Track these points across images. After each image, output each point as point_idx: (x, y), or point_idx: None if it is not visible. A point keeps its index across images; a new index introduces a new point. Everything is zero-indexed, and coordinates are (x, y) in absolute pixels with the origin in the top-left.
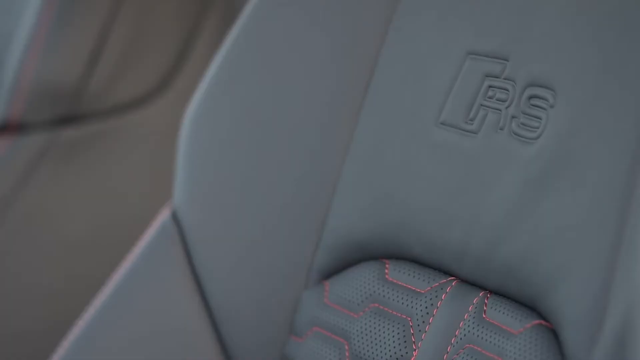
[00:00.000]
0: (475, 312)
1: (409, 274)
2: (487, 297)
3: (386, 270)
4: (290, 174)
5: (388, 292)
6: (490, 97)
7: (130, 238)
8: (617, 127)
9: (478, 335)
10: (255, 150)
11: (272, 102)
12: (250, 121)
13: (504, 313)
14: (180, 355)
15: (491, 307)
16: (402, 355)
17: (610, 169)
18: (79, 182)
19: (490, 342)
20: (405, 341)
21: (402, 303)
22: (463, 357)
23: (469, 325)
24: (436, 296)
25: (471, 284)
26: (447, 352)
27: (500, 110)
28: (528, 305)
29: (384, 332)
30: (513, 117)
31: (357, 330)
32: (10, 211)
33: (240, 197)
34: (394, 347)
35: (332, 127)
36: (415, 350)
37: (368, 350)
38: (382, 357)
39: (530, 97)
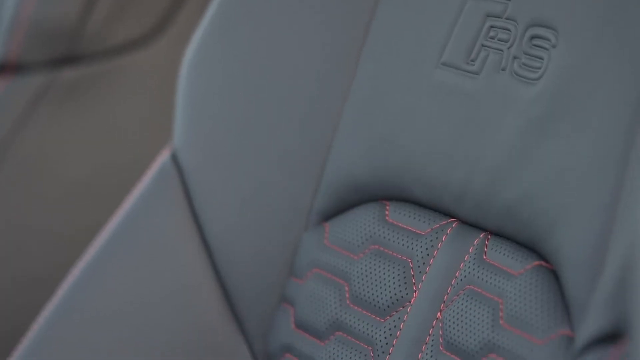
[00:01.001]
0: (475, 254)
1: (409, 216)
2: (488, 239)
3: (386, 212)
4: (290, 116)
5: (388, 234)
6: (491, 38)
7: (130, 180)
8: (620, 71)
9: (478, 277)
10: (255, 93)
11: (271, 45)
12: (249, 64)
13: (504, 254)
14: (180, 298)
15: (491, 249)
16: (402, 297)
17: (612, 112)
18: (78, 123)
19: (491, 283)
20: (405, 282)
21: (403, 244)
22: (463, 298)
23: (469, 267)
24: (436, 237)
25: (472, 225)
26: (447, 293)
27: (502, 50)
28: (528, 247)
29: (384, 274)
30: (515, 57)
31: (357, 272)
32: (8, 153)
33: (240, 139)
34: (394, 289)
35: (331, 71)
36: (415, 291)
37: (368, 292)
38: (382, 299)
39: (532, 37)
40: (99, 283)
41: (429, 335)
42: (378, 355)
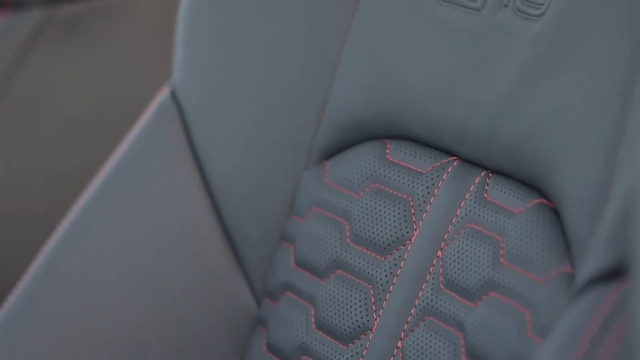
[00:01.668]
0: (476, 192)
1: (410, 154)
2: (489, 177)
3: (387, 150)
4: (291, 54)
5: (389, 172)
6: None
7: (130, 118)
8: (621, 9)
9: (479, 215)
10: (256, 30)
11: None
12: (249, 1)
13: (505, 192)
14: (180, 237)
15: (493, 187)
16: (402, 235)
17: (614, 50)
18: (77, 60)
19: (492, 221)
20: (406, 221)
21: (403, 183)
22: (464, 237)
23: (470, 205)
24: (437, 176)
25: (473, 163)
26: (448, 232)
27: None
28: (530, 185)
29: (384, 212)
30: None
31: (357, 210)
32: (7, 90)
33: (240, 77)
34: (395, 227)
35: (332, 7)
36: (416, 230)
37: (368, 230)
38: (382, 237)
39: None
40: (99, 221)
41: (430, 273)
42: (378, 294)
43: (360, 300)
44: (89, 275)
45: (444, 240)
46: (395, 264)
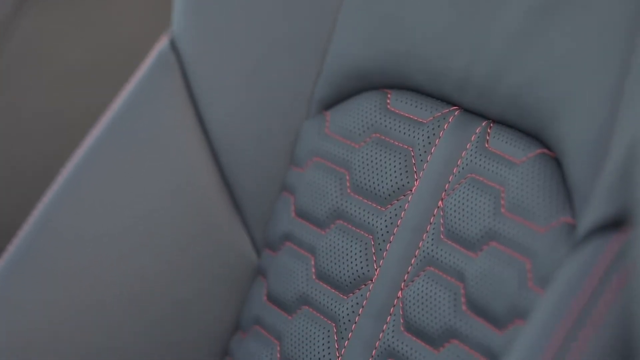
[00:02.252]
0: (477, 142)
1: (411, 104)
2: (490, 127)
3: (388, 100)
4: (291, 3)
5: (389, 122)
6: None
7: (129, 66)
8: None
9: (480, 165)
10: None
11: None
12: None
13: (506, 142)
14: (180, 187)
15: (494, 137)
16: (403, 185)
17: None
18: (76, 8)
19: (493, 171)
20: (406, 171)
21: (404, 133)
22: (465, 187)
23: (471, 155)
24: (438, 126)
25: (474, 113)
26: (449, 182)
27: None
28: (531, 135)
29: (385, 162)
30: None
31: (358, 161)
32: (5, 38)
33: (240, 26)
34: (395, 177)
35: None
36: (416, 180)
37: (369, 180)
38: (383, 187)
39: None
40: (97, 172)
41: (430, 223)
42: (379, 244)
43: (360, 251)
44: (87, 227)
45: (445, 191)
46: (396, 214)
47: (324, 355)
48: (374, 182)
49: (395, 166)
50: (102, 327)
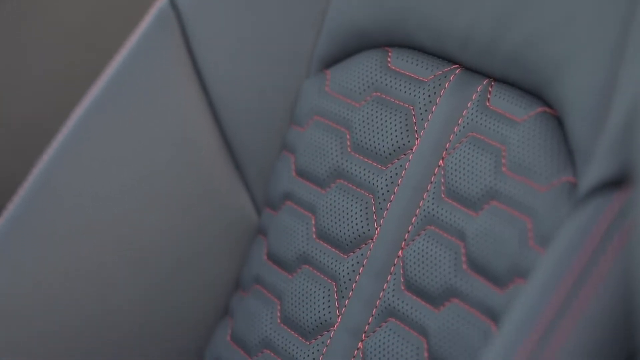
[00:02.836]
0: (479, 100)
1: (412, 62)
2: (492, 85)
3: (388, 59)
4: None
5: (390, 81)
6: None
7: (129, 24)
8: None
9: (481, 124)
10: None
11: None
12: None
13: (508, 101)
14: (180, 146)
15: (495, 95)
16: (404, 144)
17: None
18: None
19: (494, 130)
20: (407, 130)
21: (405, 92)
22: (466, 146)
23: (472, 114)
24: (439, 84)
25: (475, 71)
26: (450, 141)
27: None
28: (533, 93)
29: (385, 121)
30: None
31: (358, 119)
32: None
33: None
34: (396, 136)
35: None
36: (417, 139)
37: (369, 139)
38: (383, 146)
39: None
40: (97, 132)
41: (431, 182)
42: (379, 203)
43: (360, 210)
44: (86, 186)
45: (446, 150)
46: (397, 173)
47: (324, 314)
48: (374, 141)
49: (395, 125)
50: (103, 286)
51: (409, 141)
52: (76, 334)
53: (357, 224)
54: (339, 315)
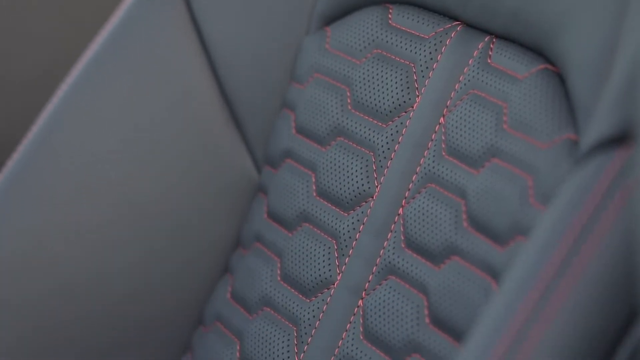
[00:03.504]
0: (480, 57)
1: (412, 19)
2: (493, 42)
3: (389, 15)
4: None
5: (391, 38)
6: None
7: None
8: None
9: (482, 81)
10: None
11: None
12: None
13: (509, 58)
14: (180, 102)
15: (496, 52)
16: (404, 102)
17: None
18: None
19: (495, 87)
20: (408, 87)
21: (406, 49)
22: (467, 103)
23: (473, 71)
24: (440, 41)
25: (476, 28)
26: (451, 98)
27: None
28: (535, 50)
29: (386, 78)
30: None
31: (358, 77)
32: None
33: None
34: (397, 93)
35: None
36: (418, 96)
37: (370, 97)
38: (384, 103)
39: None
40: (97, 86)
41: (432, 140)
42: (380, 161)
43: (361, 168)
44: (86, 144)
45: (447, 107)
46: (397, 131)
47: (324, 272)
48: (375, 99)
49: (396, 82)
50: (102, 245)
51: (409, 99)
52: (76, 292)
53: (357, 181)
54: (339, 273)
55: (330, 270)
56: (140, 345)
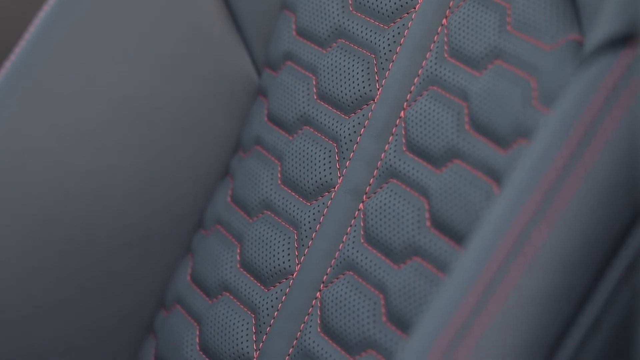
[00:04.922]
0: None
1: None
2: None
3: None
4: None
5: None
6: None
7: None
8: None
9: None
10: None
11: None
12: None
13: None
14: (177, 3)
15: None
16: (407, 2)
17: None
18: None
19: None
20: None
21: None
22: (470, 4)
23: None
24: None
25: None
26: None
27: None
28: None
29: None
30: None
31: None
32: None
33: None
34: (360, 84)
35: None
36: (419, 2)
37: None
38: (390, 5)
39: None
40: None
41: (434, 42)
42: (381, 63)
43: (362, 70)
44: (85, 44)
45: (449, 8)
46: (399, 33)
47: (325, 175)
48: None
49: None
50: (101, 149)
51: (414, 6)
52: (75, 195)
53: (358, 84)
54: (340, 177)
55: (331, 173)
56: (141, 249)
